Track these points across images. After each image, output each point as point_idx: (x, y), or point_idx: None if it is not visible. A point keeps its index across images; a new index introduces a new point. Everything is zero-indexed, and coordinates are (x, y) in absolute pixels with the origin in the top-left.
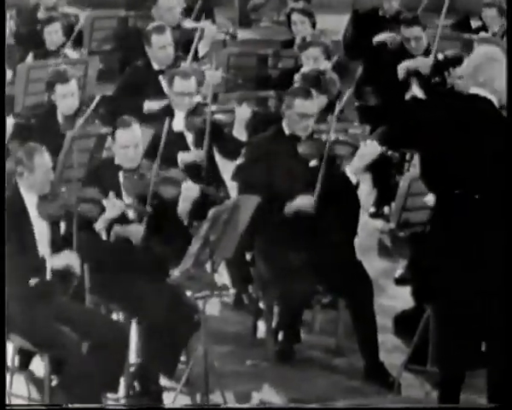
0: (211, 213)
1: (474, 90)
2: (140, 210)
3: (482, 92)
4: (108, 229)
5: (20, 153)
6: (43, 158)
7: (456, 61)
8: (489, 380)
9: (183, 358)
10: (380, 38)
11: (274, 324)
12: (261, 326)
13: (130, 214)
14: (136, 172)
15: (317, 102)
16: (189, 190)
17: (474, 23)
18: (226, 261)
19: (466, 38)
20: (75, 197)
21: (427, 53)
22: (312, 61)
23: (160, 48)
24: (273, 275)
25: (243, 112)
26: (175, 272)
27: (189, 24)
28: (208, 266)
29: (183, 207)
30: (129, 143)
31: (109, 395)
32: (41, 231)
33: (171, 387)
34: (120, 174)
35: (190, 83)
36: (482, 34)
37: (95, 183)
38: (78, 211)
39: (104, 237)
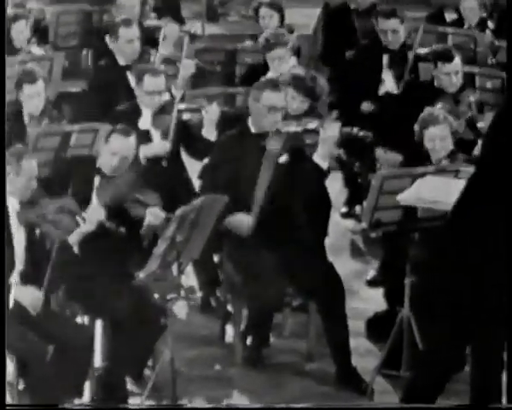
0: (177, 213)
1: None
2: (112, 228)
3: None
4: (81, 243)
5: (8, 153)
6: (31, 163)
7: (447, 57)
8: (472, 384)
9: (149, 362)
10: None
11: (242, 327)
12: (229, 330)
13: (102, 230)
14: (112, 182)
15: (301, 106)
16: (154, 218)
17: (449, 16)
18: (193, 263)
19: (440, 31)
20: (53, 207)
21: (403, 48)
22: (277, 61)
23: (128, 41)
24: (242, 277)
25: (212, 111)
26: (140, 274)
27: (150, 22)
28: (175, 268)
29: (147, 230)
30: (119, 151)
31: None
32: (19, 239)
33: (137, 392)
34: (97, 179)
35: (160, 81)
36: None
37: (64, 181)
38: (53, 221)
39: (76, 251)
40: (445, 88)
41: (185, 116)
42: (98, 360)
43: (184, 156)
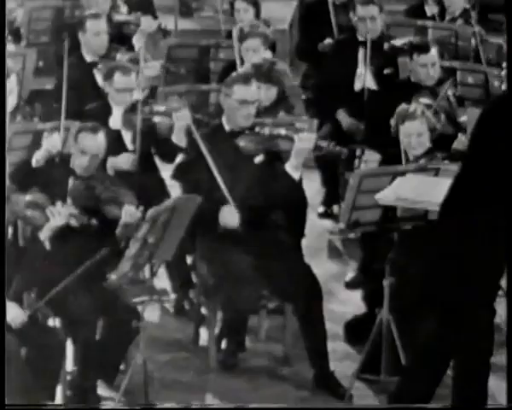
0: (149, 213)
1: None
2: (83, 221)
3: None
4: (52, 239)
5: None
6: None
7: (423, 48)
8: (454, 390)
9: (121, 366)
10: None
11: (217, 331)
12: (203, 334)
13: (73, 223)
14: (85, 183)
15: (269, 94)
16: (130, 216)
17: (430, 10)
18: (166, 265)
19: (420, 24)
20: (23, 202)
21: (380, 40)
22: (252, 52)
23: (95, 34)
24: (216, 279)
25: (183, 117)
26: (112, 276)
27: (120, 17)
28: (147, 270)
29: (122, 231)
30: (88, 150)
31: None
32: None
33: (109, 397)
34: (70, 180)
35: (131, 78)
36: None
37: (40, 183)
38: (24, 217)
39: (48, 247)
40: (422, 81)
41: (157, 119)
42: (69, 365)
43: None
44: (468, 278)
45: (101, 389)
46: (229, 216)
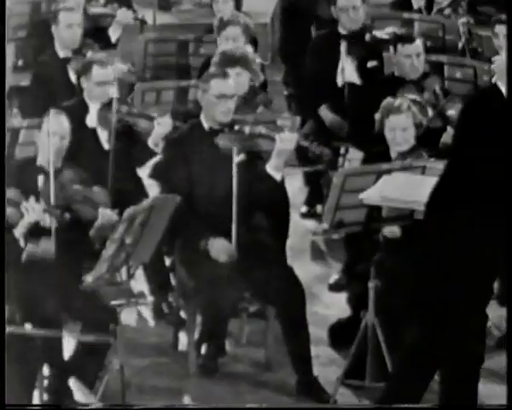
0: (126, 213)
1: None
2: (56, 215)
3: None
4: (27, 236)
5: None
6: None
7: (407, 39)
8: (442, 395)
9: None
10: None
11: (197, 335)
12: (183, 338)
13: (47, 221)
14: (56, 180)
15: (240, 80)
16: (105, 219)
17: (417, 2)
18: (143, 267)
19: (406, 17)
20: None
21: (362, 31)
22: (232, 42)
23: (67, 26)
24: (195, 281)
25: (164, 124)
26: (88, 278)
27: (96, 9)
28: (124, 272)
29: (96, 233)
30: (56, 131)
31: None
32: None
33: (85, 403)
34: (40, 178)
35: (108, 71)
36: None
37: (15, 180)
38: None
39: (22, 245)
40: (406, 75)
41: (133, 120)
42: (46, 369)
43: None
44: (457, 280)
45: (79, 395)
46: (222, 249)
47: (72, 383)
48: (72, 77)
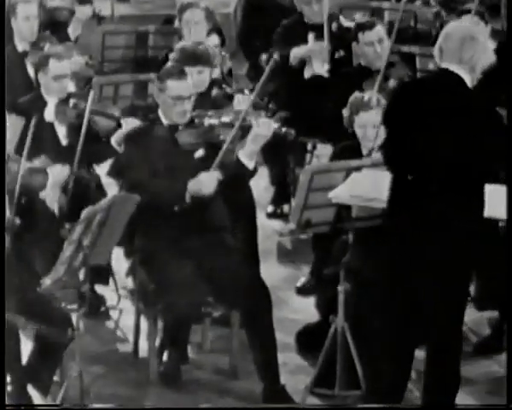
0: (84, 213)
1: (450, 66)
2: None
3: (457, 70)
4: None
5: None
6: None
7: (368, 26)
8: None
9: (57, 378)
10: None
11: (158, 341)
12: (143, 344)
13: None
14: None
15: (201, 77)
16: (57, 175)
17: None
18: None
19: (375, 6)
20: None
21: (329, 22)
22: (193, 25)
23: (25, 19)
24: (156, 285)
25: (130, 124)
26: (46, 281)
27: (53, 2)
28: (82, 274)
29: (53, 196)
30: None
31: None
32: None
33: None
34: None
35: (65, 64)
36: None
37: None
38: None
39: None
40: (371, 64)
41: (96, 119)
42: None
43: None
44: (429, 279)
45: (37, 400)
46: (207, 182)
47: (30, 388)
48: (31, 71)
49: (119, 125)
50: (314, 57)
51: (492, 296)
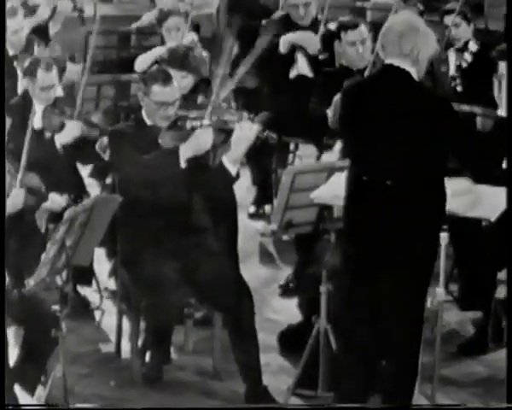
0: (67, 214)
1: (393, 60)
2: None
3: (401, 64)
4: None
5: None
6: None
7: (351, 26)
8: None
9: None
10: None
11: (140, 342)
12: (126, 345)
13: None
14: None
15: (184, 82)
16: (56, 204)
17: None
18: None
19: (357, 6)
20: None
21: (315, 25)
22: (174, 32)
23: (13, 33)
24: (139, 285)
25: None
26: (31, 282)
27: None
28: (64, 275)
29: (44, 218)
30: None
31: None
32: None
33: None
34: None
35: (53, 74)
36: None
37: None
38: None
39: None
40: (353, 64)
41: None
42: None
43: None
44: (393, 274)
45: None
46: (203, 136)
47: (17, 388)
48: (20, 75)
49: (102, 134)
50: (306, 44)
51: (476, 297)
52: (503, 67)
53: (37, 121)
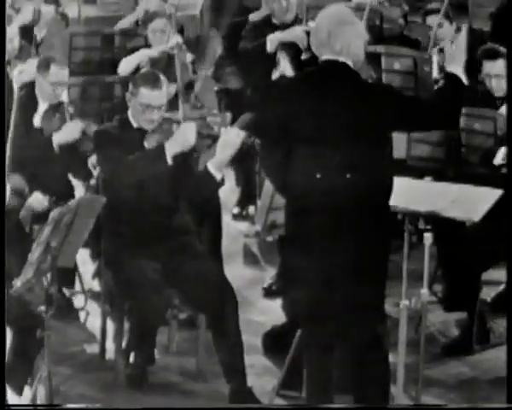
0: (52, 214)
1: (328, 57)
2: None
3: (334, 58)
4: None
5: None
6: None
7: None
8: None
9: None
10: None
11: (124, 343)
12: (110, 346)
13: None
14: None
15: (167, 91)
16: (37, 204)
17: None
18: None
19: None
20: None
21: (295, 22)
22: (159, 34)
23: (8, 42)
24: (122, 287)
25: None
26: (17, 282)
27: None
28: (48, 276)
29: (27, 215)
30: None
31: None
32: None
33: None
34: None
35: (64, 73)
36: None
37: None
38: None
39: None
40: None
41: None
42: None
43: None
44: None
45: (12, 399)
46: (188, 130)
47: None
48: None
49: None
50: (295, 40)
51: (460, 298)
52: (489, 66)
53: (37, 120)
